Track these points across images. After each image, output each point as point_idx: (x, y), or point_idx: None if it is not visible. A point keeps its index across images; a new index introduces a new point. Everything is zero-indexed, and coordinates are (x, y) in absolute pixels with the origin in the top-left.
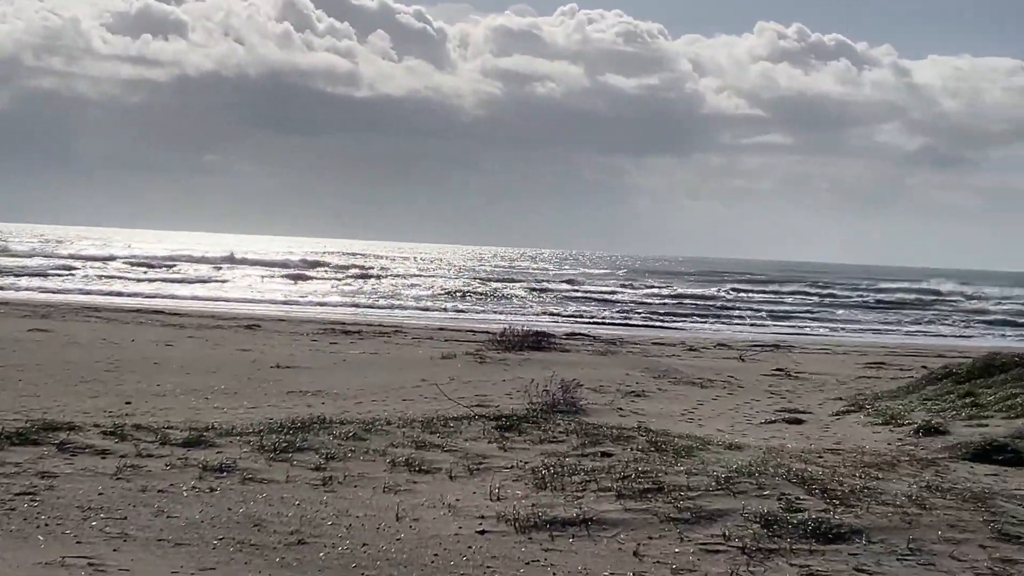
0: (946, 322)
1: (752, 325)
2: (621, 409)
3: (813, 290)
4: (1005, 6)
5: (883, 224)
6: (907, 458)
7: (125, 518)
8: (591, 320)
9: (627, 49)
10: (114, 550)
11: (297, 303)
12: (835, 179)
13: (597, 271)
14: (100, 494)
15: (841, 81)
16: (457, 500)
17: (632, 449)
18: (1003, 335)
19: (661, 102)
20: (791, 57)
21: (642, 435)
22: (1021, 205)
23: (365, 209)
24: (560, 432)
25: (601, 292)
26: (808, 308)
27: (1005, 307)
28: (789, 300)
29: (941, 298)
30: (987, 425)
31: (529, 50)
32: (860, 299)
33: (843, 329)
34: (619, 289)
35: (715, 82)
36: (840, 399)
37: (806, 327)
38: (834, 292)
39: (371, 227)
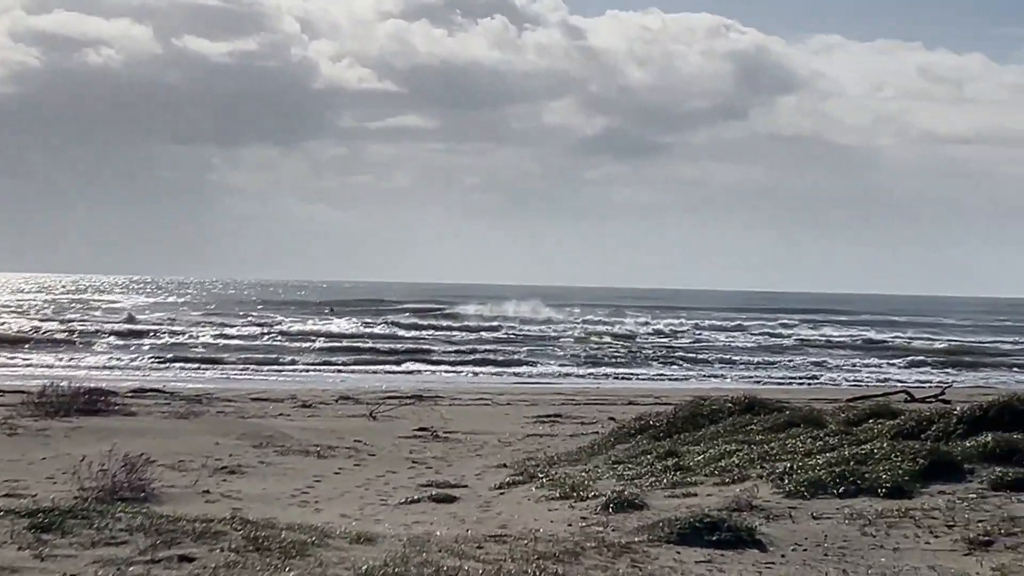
0: (636, 360)
1: (387, 369)
2: (208, 492)
3: (466, 323)
4: None
5: (553, 231)
6: (594, 544)
7: None
8: (170, 369)
9: (211, 4)
10: None
11: None
12: (490, 174)
13: (176, 301)
14: None
15: (497, 45)
16: None
17: (223, 550)
18: (708, 375)
19: (259, 74)
20: (431, 14)
21: (237, 529)
22: (722, 202)
23: None
24: (122, 530)
25: (182, 331)
26: (461, 345)
27: (710, 339)
28: (432, 335)
29: (630, 329)
30: (695, 495)
31: (77, 6)
32: (526, 332)
33: (507, 372)
34: (207, 327)
35: (331, 46)
36: (504, 466)
37: (458, 370)
38: (493, 323)
39: None
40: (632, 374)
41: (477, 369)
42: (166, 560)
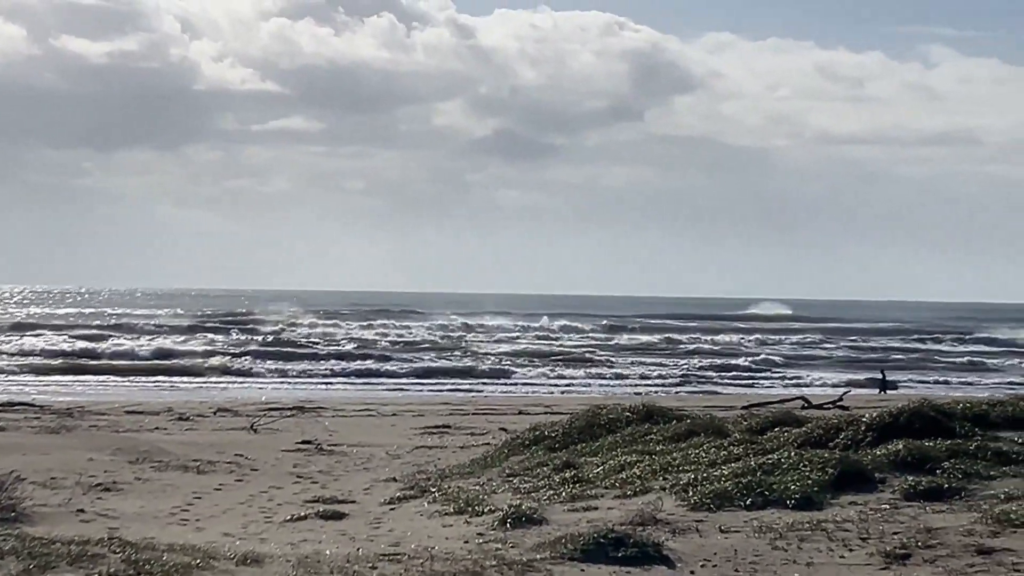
0: (529, 368)
1: (265, 382)
2: (83, 512)
3: (348, 332)
4: None
5: (434, 238)
6: (494, 562)
7: None
8: (38, 383)
9: (88, 2)
10: None
11: None
12: (374, 177)
13: (45, 311)
14: None
15: (385, 45)
16: None
17: (101, 574)
18: (604, 383)
19: (139, 75)
20: (316, 12)
21: (115, 551)
22: (610, 205)
23: None
24: None
25: (53, 343)
26: (342, 355)
27: (597, 343)
28: (313, 346)
29: (517, 336)
30: (596, 508)
31: None
32: (410, 341)
33: (392, 382)
34: (80, 339)
35: (212, 46)
36: (394, 480)
37: (340, 382)
38: (378, 333)
39: None
40: (521, 380)
41: (356, 379)
42: None
